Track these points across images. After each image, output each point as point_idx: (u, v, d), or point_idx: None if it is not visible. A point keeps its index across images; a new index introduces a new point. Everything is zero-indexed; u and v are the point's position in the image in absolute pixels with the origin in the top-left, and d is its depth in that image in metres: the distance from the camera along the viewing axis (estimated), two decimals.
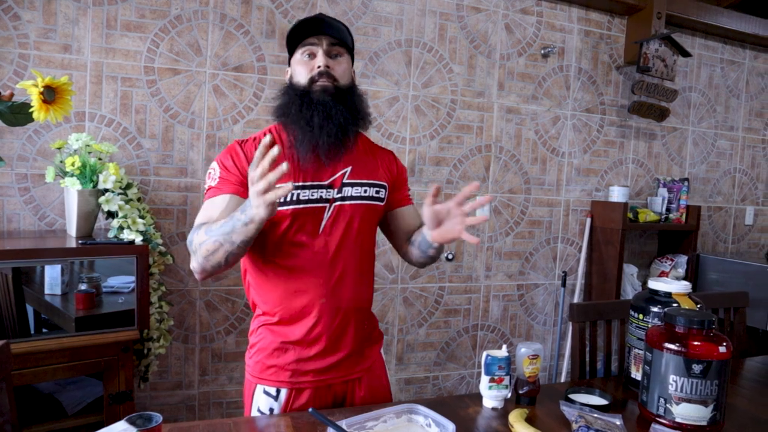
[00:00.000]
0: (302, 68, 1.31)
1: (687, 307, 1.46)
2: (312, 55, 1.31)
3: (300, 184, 1.28)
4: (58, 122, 2.10)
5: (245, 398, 1.40)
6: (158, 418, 0.97)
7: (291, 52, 1.36)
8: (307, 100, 1.27)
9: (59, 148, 1.97)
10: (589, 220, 3.11)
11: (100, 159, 1.99)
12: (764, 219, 3.76)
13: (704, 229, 3.55)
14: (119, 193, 1.95)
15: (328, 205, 1.31)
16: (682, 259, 3.21)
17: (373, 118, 2.59)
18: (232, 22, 2.37)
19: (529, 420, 1.27)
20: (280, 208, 1.26)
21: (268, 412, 1.34)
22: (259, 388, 1.36)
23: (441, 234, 1.26)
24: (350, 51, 1.37)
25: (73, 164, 1.86)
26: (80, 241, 1.82)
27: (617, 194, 3.06)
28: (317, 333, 1.33)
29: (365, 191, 1.36)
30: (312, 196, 1.29)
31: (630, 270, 3.16)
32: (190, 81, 2.33)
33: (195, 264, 1.20)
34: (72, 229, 1.95)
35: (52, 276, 1.80)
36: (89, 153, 1.95)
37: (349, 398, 1.40)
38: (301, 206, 1.27)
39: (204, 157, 2.36)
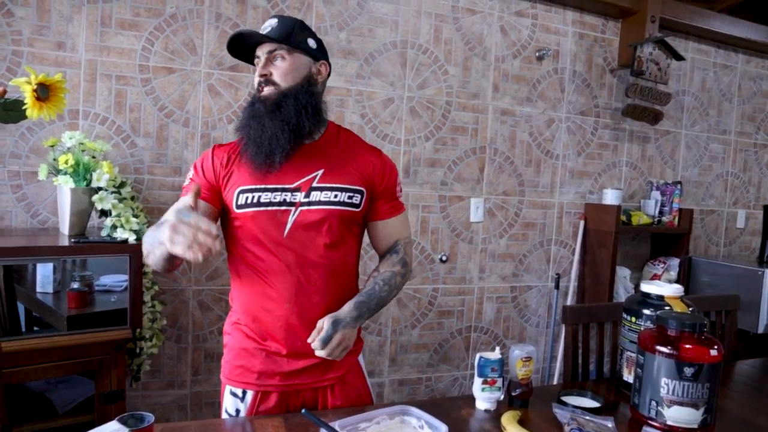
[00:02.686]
0: (255, 78, 1.34)
1: (679, 310, 1.47)
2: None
3: (263, 186, 1.28)
4: (51, 120, 2.09)
5: (221, 398, 1.41)
6: (150, 418, 0.97)
7: (239, 57, 1.40)
8: (252, 112, 1.31)
9: (52, 146, 1.95)
10: (582, 223, 3.12)
11: (93, 157, 1.98)
12: (755, 222, 3.78)
13: (696, 232, 3.57)
14: (113, 192, 1.94)
15: (293, 208, 1.29)
16: (675, 262, 3.23)
17: (368, 119, 2.61)
18: (227, 21, 2.36)
19: (522, 422, 1.28)
20: (242, 211, 1.28)
21: (234, 414, 1.34)
22: (227, 389, 1.36)
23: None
24: (301, 47, 1.32)
25: (66, 162, 1.85)
26: (73, 240, 1.81)
27: (610, 197, 3.07)
28: (282, 337, 1.32)
29: (336, 196, 1.32)
30: (274, 199, 1.29)
31: (623, 272, 3.18)
32: (185, 80, 2.32)
33: (144, 255, 1.27)
34: (65, 228, 1.94)
35: (44, 274, 1.79)
36: (83, 151, 1.94)
37: (320, 406, 1.39)
38: (261, 209, 1.28)
39: (199, 157, 2.35)
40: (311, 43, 1.34)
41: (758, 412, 1.46)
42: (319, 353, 1.22)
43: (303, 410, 1.15)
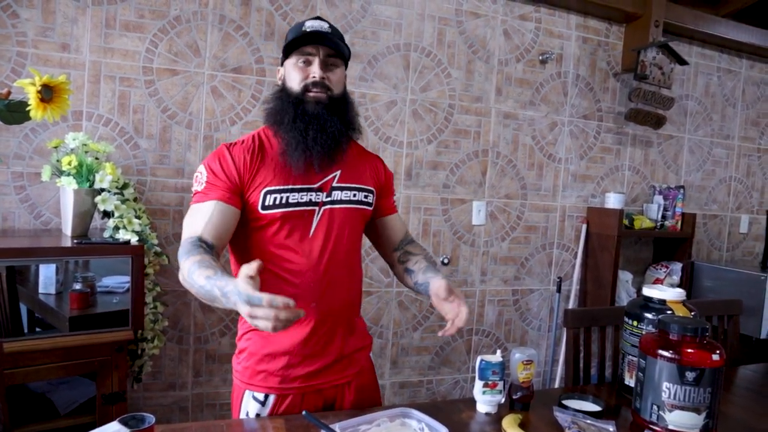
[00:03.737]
0: (297, 74, 1.30)
1: (681, 315, 1.46)
2: (308, 63, 1.31)
3: (290, 186, 1.28)
4: (55, 121, 2.09)
5: (233, 403, 1.39)
6: (151, 419, 0.97)
7: (287, 54, 1.34)
8: (301, 111, 1.28)
9: (56, 147, 1.96)
10: (584, 227, 3.12)
11: (96, 158, 1.98)
12: (759, 227, 3.77)
13: (699, 237, 3.56)
14: (115, 193, 1.95)
15: (317, 208, 1.31)
16: (677, 267, 3.22)
17: (370, 122, 2.61)
18: (231, 23, 2.37)
19: (523, 425, 1.27)
20: (269, 212, 1.26)
21: (256, 414, 1.33)
22: (248, 394, 1.34)
23: (444, 312, 1.28)
24: (346, 61, 1.39)
25: (69, 163, 1.86)
26: (75, 241, 1.82)
27: (613, 201, 3.07)
28: (307, 337, 1.32)
29: (354, 195, 1.37)
30: (301, 199, 1.29)
31: (625, 276, 3.17)
32: (188, 82, 2.33)
33: (182, 280, 1.17)
34: (67, 229, 1.94)
35: (46, 275, 1.79)
36: (86, 152, 1.94)
37: (338, 402, 1.40)
38: (291, 209, 1.28)
39: (201, 158, 2.36)
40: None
41: (761, 416, 1.46)
42: (460, 324, 1.23)
43: (304, 412, 1.15)
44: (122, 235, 1.87)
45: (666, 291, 1.54)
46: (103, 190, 1.92)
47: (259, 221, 1.28)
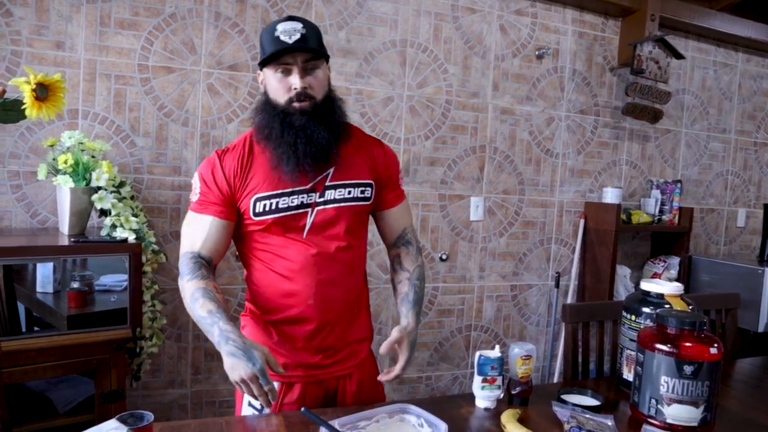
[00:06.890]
0: (278, 86, 1.27)
1: (679, 309, 1.46)
2: (287, 72, 1.26)
3: (279, 192, 1.29)
4: (50, 120, 2.09)
5: (237, 394, 1.40)
6: (149, 416, 0.97)
7: (265, 61, 1.27)
8: (287, 124, 1.26)
9: (52, 146, 1.95)
10: (582, 221, 3.12)
11: (93, 157, 1.97)
12: (756, 221, 3.78)
13: (696, 231, 3.56)
14: (112, 191, 1.94)
15: (309, 209, 1.31)
16: (675, 261, 3.23)
17: (367, 118, 2.61)
18: (226, 20, 2.36)
19: (522, 420, 1.28)
20: (260, 218, 1.29)
21: (259, 407, 1.34)
22: None
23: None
24: (325, 55, 1.30)
25: (65, 162, 1.85)
26: (73, 239, 1.81)
27: (610, 195, 3.07)
28: (306, 333, 1.35)
29: (349, 192, 1.35)
30: (292, 203, 1.30)
31: (623, 271, 3.17)
32: (184, 79, 2.32)
33: (183, 298, 1.28)
34: (64, 227, 1.94)
35: (44, 274, 1.79)
36: (82, 151, 1.94)
37: (340, 394, 1.43)
38: (281, 215, 1.29)
39: (198, 156, 2.35)
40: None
41: (758, 410, 1.46)
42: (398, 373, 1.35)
43: (303, 408, 1.15)
44: (119, 234, 1.86)
45: (664, 285, 1.54)
46: (99, 188, 1.92)
47: (252, 226, 1.32)
